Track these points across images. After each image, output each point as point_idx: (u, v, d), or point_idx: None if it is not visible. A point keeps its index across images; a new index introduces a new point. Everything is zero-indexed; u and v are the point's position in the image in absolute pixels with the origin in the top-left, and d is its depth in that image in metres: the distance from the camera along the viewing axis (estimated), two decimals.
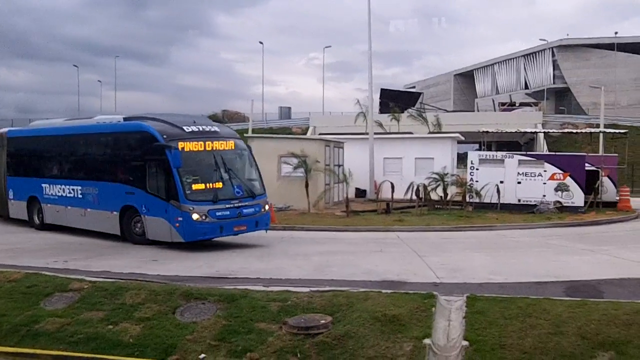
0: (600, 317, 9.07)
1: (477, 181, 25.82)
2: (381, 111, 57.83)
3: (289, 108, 74.56)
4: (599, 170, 26.69)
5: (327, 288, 10.70)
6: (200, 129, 16.44)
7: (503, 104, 65.91)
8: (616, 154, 31.24)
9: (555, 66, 70.85)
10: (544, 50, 71.73)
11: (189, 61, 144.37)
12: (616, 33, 64.03)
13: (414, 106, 64.46)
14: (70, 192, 18.83)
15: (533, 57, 74.98)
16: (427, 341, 8.81)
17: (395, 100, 62.75)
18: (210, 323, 9.51)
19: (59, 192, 19.31)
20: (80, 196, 18.48)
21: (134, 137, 16.89)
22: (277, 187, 25.68)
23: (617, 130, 35.76)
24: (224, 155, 16.28)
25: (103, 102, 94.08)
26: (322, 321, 9.26)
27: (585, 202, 25.32)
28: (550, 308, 9.50)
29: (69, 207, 18.94)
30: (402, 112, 49.69)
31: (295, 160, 25.32)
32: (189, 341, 9.09)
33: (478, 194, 25.31)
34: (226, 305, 9.97)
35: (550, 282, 11.87)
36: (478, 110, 74.47)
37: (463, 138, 35.03)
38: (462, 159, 33.61)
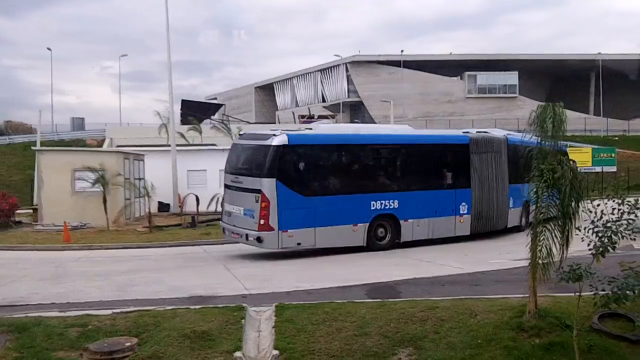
0: (399, 316, 9.73)
1: None
2: (183, 122, 56.88)
3: (82, 119, 70.42)
4: None
5: (132, 308, 10.25)
6: None
7: (302, 117, 68.12)
8: None
9: (349, 81, 74.73)
10: (339, 65, 75.34)
11: None
12: (402, 51, 69.37)
13: (216, 117, 64.35)
14: None
15: (329, 71, 78.48)
16: (238, 354, 8.79)
17: (197, 112, 62.17)
18: None
19: None
20: None
21: None
22: (72, 204, 24.16)
23: None
24: None
25: None
26: (128, 344, 8.79)
27: None
28: (354, 311, 9.98)
29: None
30: (203, 123, 49.43)
31: (91, 175, 23.88)
32: None
33: None
34: (17, 335, 9.14)
35: (353, 285, 12.44)
36: (279, 122, 76.26)
37: None
38: None
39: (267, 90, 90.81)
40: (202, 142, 41.65)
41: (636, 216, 8.17)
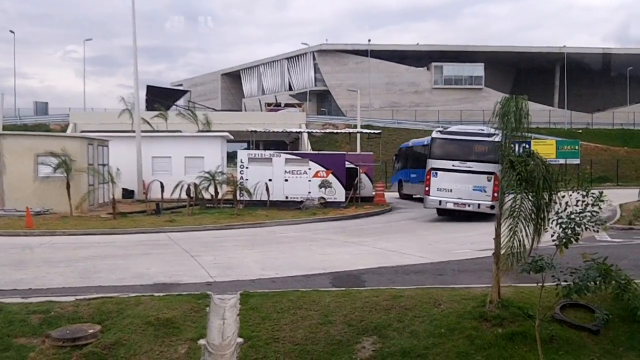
0: (364, 305, 9.75)
1: (247, 179, 26.26)
2: (148, 108, 56.23)
3: (46, 103, 69.20)
4: (358, 167, 28.71)
5: (95, 295, 10.12)
6: None
7: (269, 105, 67.87)
8: (371, 152, 33.94)
9: (316, 69, 74.69)
10: (306, 54, 75.17)
11: None
12: (369, 40, 69.50)
13: (181, 104, 63.84)
14: None
15: (296, 60, 78.29)
16: (202, 342, 8.74)
17: (163, 98, 61.56)
18: None
19: None
20: None
21: None
22: (34, 189, 23.91)
23: (372, 131, 38.81)
24: None
25: None
26: (91, 330, 8.71)
27: (346, 198, 27.07)
28: (318, 299, 9.98)
29: None
30: (169, 110, 48.90)
31: (54, 160, 23.50)
32: None
33: (248, 192, 25.74)
34: None
35: (318, 274, 12.46)
36: (246, 110, 75.96)
37: (232, 137, 35.39)
38: (232, 157, 33.95)
39: (233, 78, 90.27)
40: (167, 129, 41.21)
41: (600, 208, 8.33)
